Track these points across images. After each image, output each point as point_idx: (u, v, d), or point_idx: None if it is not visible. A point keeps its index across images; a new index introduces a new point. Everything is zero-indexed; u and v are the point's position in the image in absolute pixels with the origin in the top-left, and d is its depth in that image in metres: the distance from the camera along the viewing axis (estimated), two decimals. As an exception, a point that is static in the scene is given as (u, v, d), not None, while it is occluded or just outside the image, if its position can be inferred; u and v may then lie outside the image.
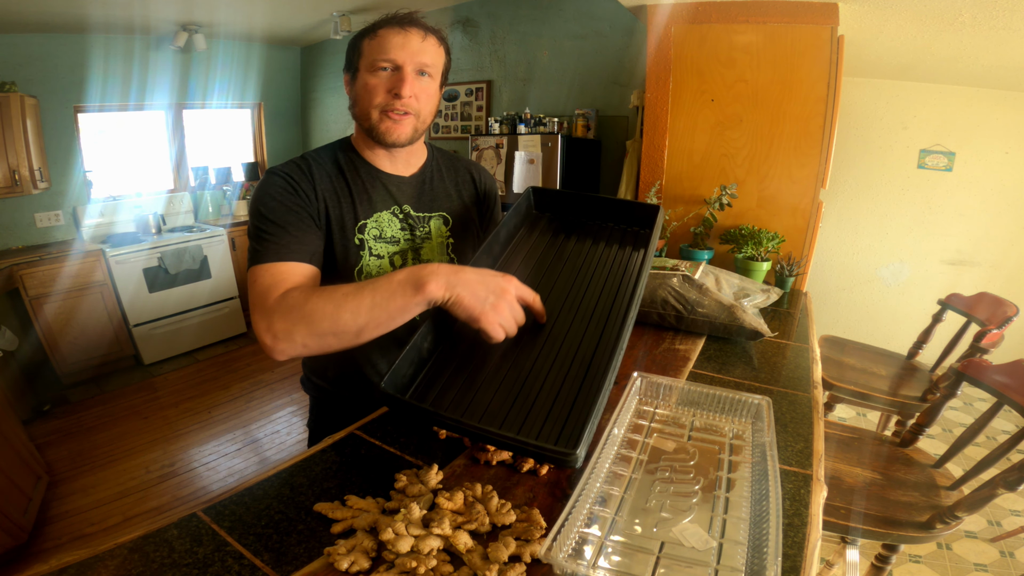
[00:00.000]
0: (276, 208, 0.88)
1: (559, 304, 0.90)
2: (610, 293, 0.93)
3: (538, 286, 0.92)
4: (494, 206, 1.20)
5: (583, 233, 1.08)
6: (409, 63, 0.91)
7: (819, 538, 0.66)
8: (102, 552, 0.59)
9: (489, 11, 3.56)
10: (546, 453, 0.62)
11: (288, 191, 0.90)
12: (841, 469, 1.31)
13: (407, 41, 0.90)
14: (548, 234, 1.08)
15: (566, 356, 0.81)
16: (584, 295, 0.93)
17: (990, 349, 1.55)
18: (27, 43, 3.29)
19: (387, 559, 0.59)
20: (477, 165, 1.18)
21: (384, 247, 1.01)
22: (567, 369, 0.79)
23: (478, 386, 0.77)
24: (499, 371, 0.79)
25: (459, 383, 0.78)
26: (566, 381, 0.77)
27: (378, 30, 0.91)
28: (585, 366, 0.79)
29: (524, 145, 2.92)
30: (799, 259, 1.89)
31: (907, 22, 1.96)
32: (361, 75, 0.93)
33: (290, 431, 2.86)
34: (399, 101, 0.91)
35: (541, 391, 0.76)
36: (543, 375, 0.78)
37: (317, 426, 1.17)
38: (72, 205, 3.62)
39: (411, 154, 1.04)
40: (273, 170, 0.93)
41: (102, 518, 2.18)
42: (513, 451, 0.71)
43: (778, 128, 1.96)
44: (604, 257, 1.02)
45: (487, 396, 0.76)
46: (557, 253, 1.03)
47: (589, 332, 0.85)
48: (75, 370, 3.29)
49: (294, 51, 4.81)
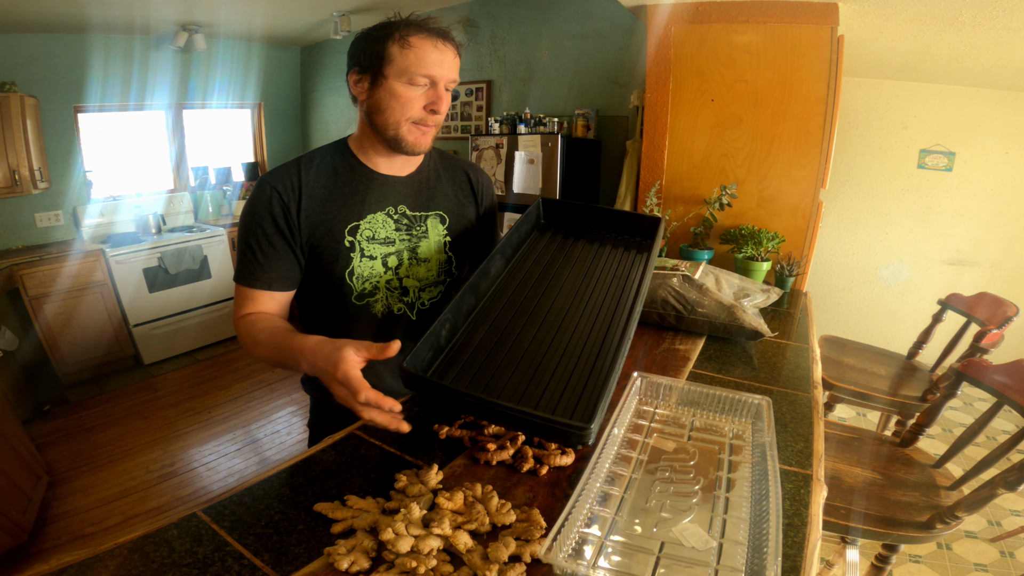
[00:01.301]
0: (254, 230, 0.94)
1: (569, 299, 0.98)
2: (616, 291, 1.00)
3: (548, 285, 1.01)
4: (491, 205, 1.20)
5: (590, 240, 1.16)
6: (444, 80, 0.92)
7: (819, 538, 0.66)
8: (102, 552, 0.59)
9: (489, 11, 3.56)
10: (562, 427, 0.65)
11: (268, 216, 0.93)
12: (841, 469, 1.31)
13: (443, 58, 0.91)
14: (557, 240, 1.16)
15: (576, 345, 0.87)
16: (592, 292, 0.99)
17: (990, 349, 1.55)
18: (27, 43, 3.29)
19: (387, 559, 0.59)
20: (473, 165, 1.19)
21: (377, 248, 1.01)
22: (577, 356, 0.85)
23: (493, 370, 0.83)
24: (513, 358, 0.85)
25: (475, 367, 0.83)
26: (578, 365, 0.83)
27: (411, 38, 0.89)
28: (595, 354, 0.85)
29: (524, 145, 2.92)
30: (799, 259, 1.89)
31: (907, 22, 1.96)
32: (391, 83, 0.91)
33: (290, 431, 2.86)
34: (434, 117, 0.93)
35: (554, 376, 0.81)
36: (555, 362, 0.84)
37: (317, 426, 1.17)
38: (72, 205, 3.62)
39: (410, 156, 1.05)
40: (265, 180, 0.95)
41: (102, 518, 2.18)
42: (527, 428, 0.73)
43: (778, 128, 1.96)
44: (610, 260, 1.10)
45: (502, 380, 0.81)
46: (566, 257, 1.10)
47: (598, 324, 0.92)
48: (75, 370, 3.29)
49: (294, 51, 4.81)
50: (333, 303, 1.01)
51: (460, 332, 0.90)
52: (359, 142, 1.01)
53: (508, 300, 0.98)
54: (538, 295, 0.99)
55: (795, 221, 2.02)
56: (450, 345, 0.87)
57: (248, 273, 0.95)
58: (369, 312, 1.03)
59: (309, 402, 1.19)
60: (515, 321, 0.93)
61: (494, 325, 0.91)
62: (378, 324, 1.04)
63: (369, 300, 1.02)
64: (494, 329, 0.90)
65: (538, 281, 1.02)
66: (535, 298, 0.98)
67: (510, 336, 0.89)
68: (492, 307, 0.96)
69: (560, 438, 0.70)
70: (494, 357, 0.85)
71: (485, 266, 0.97)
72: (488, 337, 0.89)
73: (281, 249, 0.95)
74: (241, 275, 0.96)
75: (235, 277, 0.97)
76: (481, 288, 0.97)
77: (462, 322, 0.91)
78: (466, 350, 0.86)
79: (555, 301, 0.97)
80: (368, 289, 1.02)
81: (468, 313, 0.92)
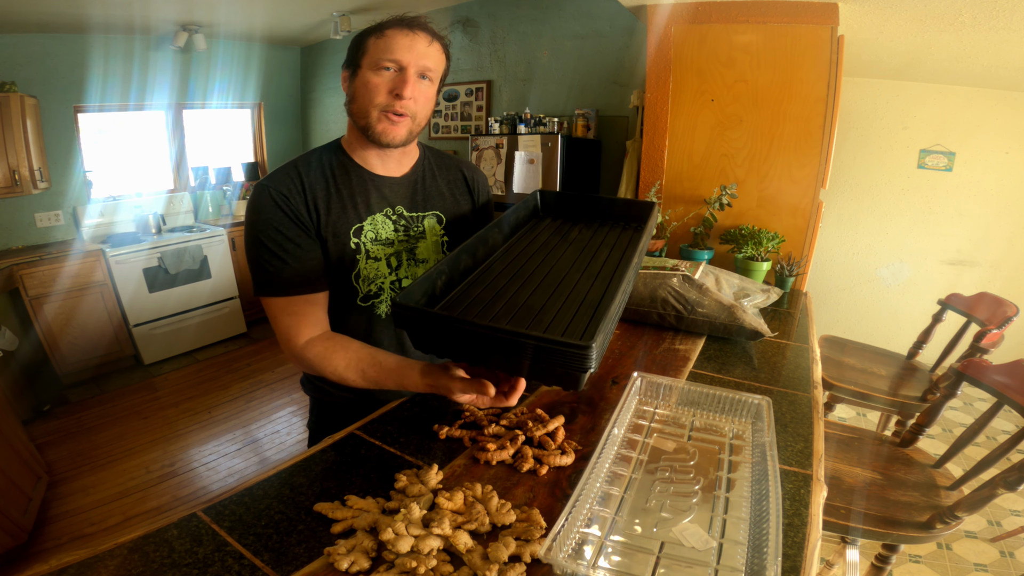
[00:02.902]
0: (273, 236, 0.90)
1: (568, 266, 0.96)
2: (615, 258, 1.00)
3: (546, 257, 1.00)
4: (487, 202, 1.21)
5: (587, 224, 1.17)
6: (413, 65, 0.91)
7: (819, 538, 0.66)
8: (102, 552, 0.59)
9: (489, 11, 3.56)
10: (561, 347, 0.62)
11: (282, 215, 0.91)
12: (841, 469, 1.31)
13: (414, 43, 0.90)
14: (555, 226, 1.16)
15: (576, 298, 0.85)
16: (590, 260, 0.99)
17: (990, 349, 1.55)
18: (27, 43, 3.29)
19: (387, 559, 0.59)
20: (468, 163, 1.19)
21: (380, 249, 1.01)
22: (577, 306, 0.82)
23: (490, 318, 0.79)
24: (511, 309, 0.82)
25: (472, 316, 0.79)
26: (578, 313, 0.80)
27: (385, 30, 0.91)
28: (595, 303, 0.83)
29: (524, 145, 2.92)
30: (799, 259, 1.89)
31: (907, 22, 1.96)
32: (363, 72, 0.92)
33: (290, 431, 2.86)
34: (399, 102, 0.91)
35: (553, 321, 0.78)
36: (554, 311, 0.81)
37: (317, 426, 1.17)
38: (72, 205, 3.62)
39: (403, 154, 1.04)
40: (264, 185, 0.92)
41: (102, 518, 2.18)
42: (525, 359, 0.67)
43: (778, 128, 1.96)
44: (608, 239, 1.10)
45: (500, 324, 0.76)
46: (563, 238, 1.10)
47: (598, 282, 0.90)
48: (75, 370, 3.28)
49: (294, 51, 4.81)
50: (336, 306, 1.01)
51: (456, 289, 0.86)
52: (350, 142, 1.01)
53: (506, 267, 0.95)
54: (536, 263, 0.97)
55: (795, 221, 2.02)
56: (446, 298, 0.84)
57: (283, 282, 0.90)
58: (374, 313, 1.03)
59: (309, 402, 1.19)
60: (513, 282, 0.90)
61: (491, 285, 0.88)
62: (383, 325, 1.04)
63: (375, 302, 1.02)
64: (491, 288, 0.87)
65: (536, 254, 1.01)
66: (533, 265, 0.96)
67: (507, 292, 0.86)
68: (488, 272, 0.93)
69: (561, 364, 0.63)
70: (491, 307, 0.82)
71: (483, 234, 0.95)
72: (484, 294, 0.85)
73: (308, 247, 0.92)
74: (273, 286, 0.90)
75: (265, 291, 0.91)
76: (478, 254, 0.94)
77: (458, 279, 0.88)
78: (461, 302, 0.83)
79: (553, 268, 0.95)
80: (373, 291, 1.01)
81: (464, 272, 0.90)
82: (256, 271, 0.92)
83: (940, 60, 2.41)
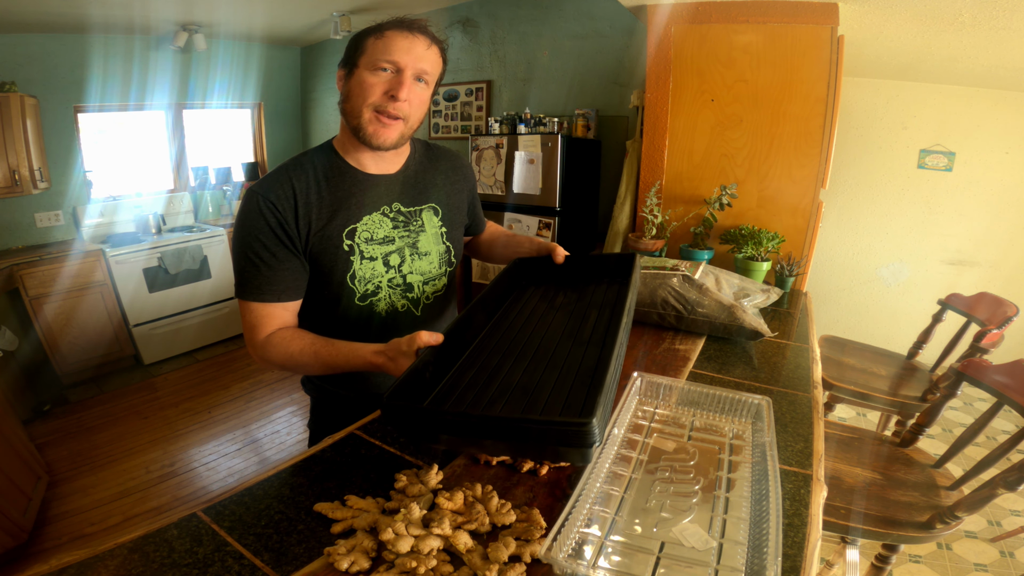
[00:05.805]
0: (253, 245, 0.92)
1: (558, 335, 0.95)
2: (604, 318, 0.98)
3: (535, 328, 0.98)
4: (472, 186, 1.23)
5: (572, 288, 1.15)
6: (410, 67, 0.91)
7: (819, 538, 0.66)
8: (102, 552, 0.59)
9: (489, 11, 3.56)
10: (561, 427, 0.58)
11: (265, 226, 0.91)
12: (841, 469, 1.31)
13: (412, 46, 0.91)
14: (539, 293, 1.15)
15: (570, 369, 0.83)
16: (581, 325, 0.98)
17: (990, 349, 1.55)
18: (27, 43, 3.29)
19: (387, 559, 0.59)
20: (452, 151, 1.19)
21: (377, 249, 1.01)
22: (573, 378, 0.80)
23: (485, 403, 0.77)
24: (505, 390, 0.80)
25: (465, 403, 0.77)
26: (574, 386, 0.78)
27: (385, 31, 0.91)
28: (591, 370, 0.81)
29: (524, 145, 2.92)
30: (799, 259, 1.89)
31: (907, 22, 1.96)
32: (359, 72, 0.92)
33: (290, 431, 2.86)
34: (393, 104, 0.91)
35: (550, 398, 0.76)
36: (550, 387, 0.79)
37: (317, 426, 1.17)
38: (72, 205, 3.62)
39: (396, 153, 1.04)
40: (255, 191, 0.92)
41: (102, 518, 2.18)
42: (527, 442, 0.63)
43: (778, 128, 1.96)
44: (595, 297, 1.09)
45: (495, 410, 0.75)
46: (549, 304, 1.09)
47: (591, 347, 0.88)
48: (75, 370, 3.28)
49: (294, 51, 4.81)
50: (333, 307, 1.01)
51: (448, 375, 0.84)
52: (342, 143, 1.01)
53: (495, 345, 0.93)
54: (526, 336, 0.95)
55: (795, 221, 2.02)
56: (438, 387, 0.81)
57: (255, 288, 0.93)
58: (372, 312, 1.03)
59: (309, 402, 1.19)
60: (504, 360, 0.88)
61: (483, 366, 0.86)
62: (381, 323, 1.04)
63: (372, 300, 1.02)
64: (483, 369, 0.85)
65: (524, 326, 0.99)
66: (523, 339, 0.94)
67: (500, 372, 0.84)
68: (479, 353, 0.90)
69: (563, 442, 0.60)
70: (485, 391, 0.79)
71: (467, 315, 0.92)
72: (476, 377, 0.83)
73: (284, 259, 0.93)
74: (247, 290, 0.93)
75: (239, 294, 0.94)
76: (465, 337, 0.92)
77: (448, 365, 0.85)
78: (454, 389, 0.80)
79: (544, 339, 0.93)
80: (371, 290, 1.02)
81: (454, 357, 0.87)
82: (236, 272, 0.95)
83: (940, 60, 2.41)
